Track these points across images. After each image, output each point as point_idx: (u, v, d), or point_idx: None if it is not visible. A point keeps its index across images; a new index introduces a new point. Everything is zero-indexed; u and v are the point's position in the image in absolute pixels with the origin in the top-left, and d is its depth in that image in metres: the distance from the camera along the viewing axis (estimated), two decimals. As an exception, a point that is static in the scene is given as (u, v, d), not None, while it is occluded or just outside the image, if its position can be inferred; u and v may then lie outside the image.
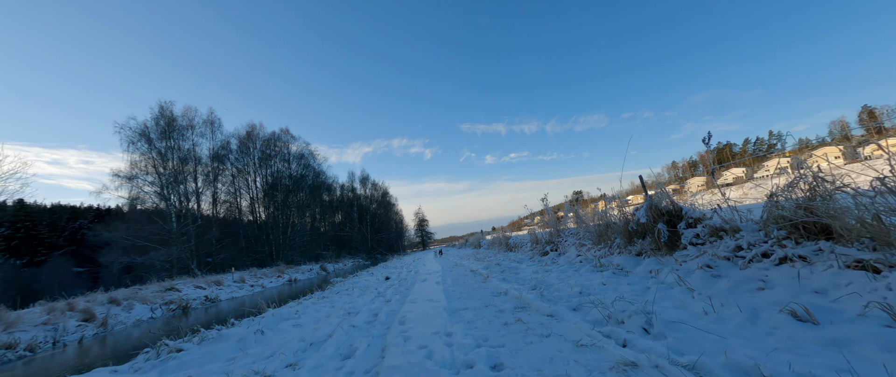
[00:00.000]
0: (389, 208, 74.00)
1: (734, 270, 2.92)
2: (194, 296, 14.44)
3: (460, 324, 3.53)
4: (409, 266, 17.08)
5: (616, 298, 3.16)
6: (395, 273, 13.02)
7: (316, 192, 53.30)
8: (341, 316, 4.96)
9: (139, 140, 27.30)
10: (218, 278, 18.49)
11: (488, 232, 29.30)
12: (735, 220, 3.35)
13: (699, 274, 3.07)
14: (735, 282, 2.69)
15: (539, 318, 3.22)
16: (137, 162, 27.38)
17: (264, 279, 21.78)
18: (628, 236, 5.29)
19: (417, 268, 13.82)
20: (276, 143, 42.59)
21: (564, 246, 7.77)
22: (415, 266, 16.17)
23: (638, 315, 2.55)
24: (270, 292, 18.15)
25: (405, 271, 13.44)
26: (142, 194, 27.44)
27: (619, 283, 3.80)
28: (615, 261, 4.78)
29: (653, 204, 4.53)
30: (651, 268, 3.93)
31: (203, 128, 33.78)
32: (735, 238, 3.17)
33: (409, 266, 17.08)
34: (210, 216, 33.50)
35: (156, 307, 12.21)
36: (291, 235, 40.47)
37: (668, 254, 4.03)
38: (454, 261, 15.86)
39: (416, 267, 15.25)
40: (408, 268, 15.40)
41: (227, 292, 16.19)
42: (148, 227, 26.04)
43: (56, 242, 65.55)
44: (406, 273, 12.33)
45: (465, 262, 12.61)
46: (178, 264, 27.46)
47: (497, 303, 4.29)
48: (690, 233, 3.82)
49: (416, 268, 14.48)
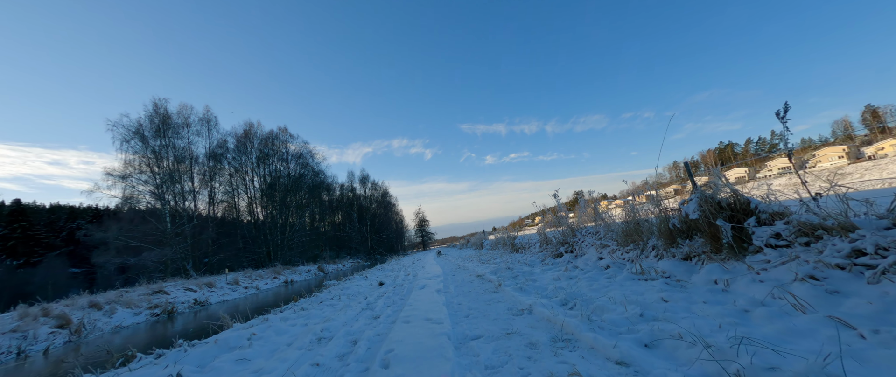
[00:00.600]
0: (389, 208, 73.25)
1: (858, 285, 2.11)
2: (183, 299, 13.66)
3: (476, 373, 2.37)
4: (407, 268, 16.20)
5: (713, 329, 2.17)
6: (391, 277, 12.11)
7: (315, 192, 52.54)
8: (308, 343, 3.84)
9: (133, 138, 26.56)
10: (210, 280, 17.71)
11: (489, 232, 28.48)
12: (843, 214, 2.53)
13: (805, 289, 2.26)
14: (889, 304, 1.86)
15: (606, 370, 2.07)
16: (131, 161, 26.66)
17: (260, 281, 21.00)
18: (669, 236, 4.47)
19: (416, 272, 12.80)
20: (274, 141, 41.85)
21: (581, 246, 6.94)
22: (414, 268, 15.20)
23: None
24: (265, 294, 17.37)
25: (403, 274, 12.45)
26: (136, 193, 26.72)
27: (686, 300, 2.88)
28: (659, 267, 3.97)
29: (706, 196, 3.71)
30: (715, 277, 3.11)
31: (199, 126, 33.07)
32: (848, 239, 2.36)
33: (407, 268, 16.20)
34: (206, 216, 32.76)
35: (141, 311, 11.42)
36: (290, 236, 39.71)
37: (734, 260, 3.22)
38: (456, 263, 14.92)
39: (415, 269, 14.21)
40: (406, 270, 14.38)
41: (219, 295, 15.40)
42: (141, 227, 25.30)
43: (53, 243, 64.90)
44: (403, 277, 11.24)
45: (469, 265, 11.64)
46: (172, 265, 26.71)
47: (522, 327, 3.18)
48: (766, 233, 3.01)
49: (415, 271, 13.45)
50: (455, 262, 15.30)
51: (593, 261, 5.72)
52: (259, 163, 40.83)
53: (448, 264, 15.35)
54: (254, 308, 10.41)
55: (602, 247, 6.06)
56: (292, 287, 21.70)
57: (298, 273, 27.04)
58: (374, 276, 13.35)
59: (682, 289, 3.18)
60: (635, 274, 4.20)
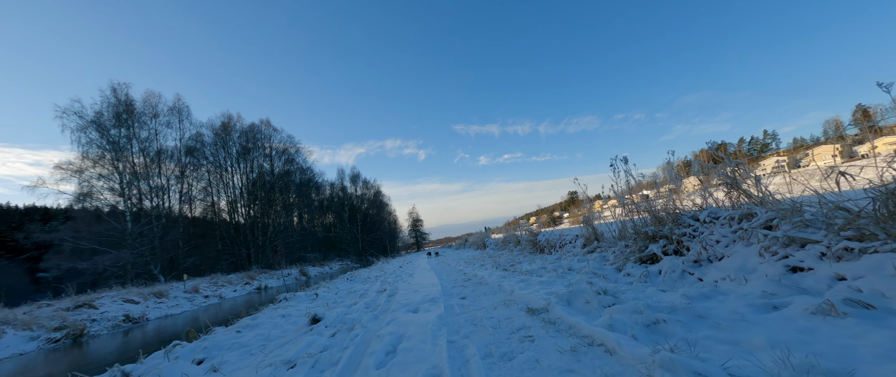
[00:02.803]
0: (382, 208, 70.54)
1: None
2: (114, 314, 10.99)
3: None
4: (392, 274, 12.79)
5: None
6: (357, 291, 8.44)
7: (303, 190, 49.70)
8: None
9: (88, 127, 23.63)
10: (162, 289, 15.01)
11: (485, 232, 26.01)
12: None
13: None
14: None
15: None
16: (89, 154, 23.72)
17: (227, 288, 18.32)
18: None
19: (396, 286, 8.34)
20: (255, 135, 38.96)
21: (708, 244, 3.74)
22: (395, 279, 10.52)
23: None
24: (230, 304, 14.78)
25: (376, 289, 8.32)
26: (93, 190, 23.75)
27: None
28: None
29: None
30: None
31: (169, 116, 30.19)
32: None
33: (392, 274, 12.79)
34: (177, 215, 29.85)
35: (40, 335, 8.76)
36: (272, 236, 36.89)
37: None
38: (458, 267, 11.27)
39: (395, 282, 9.35)
40: (383, 283, 9.55)
41: (165, 308, 12.73)
42: (96, 228, 22.41)
43: (24, 245, 61.07)
44: (375, 294, 7.46)
45: (480, 272, 7.96)
46: (133, 270, 23.82)
47: None
48: None
49: (397, 284, 8.79)
50: (456, 266, 11.77)
51: (759, 279, 2.83)
52: (240, 158, 37.95)
53: (446, 270, 11.21)
54: (194, 325, 7.86)
55: (768, 249, 3.02)
56: (267, 293, 19.10)
57: (276, 277, 24.38)
58: (341, 288, 10.02)
59: None
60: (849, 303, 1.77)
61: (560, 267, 6.00)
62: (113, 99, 25.03)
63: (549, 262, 6.71)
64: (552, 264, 6.38)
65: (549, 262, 6.71)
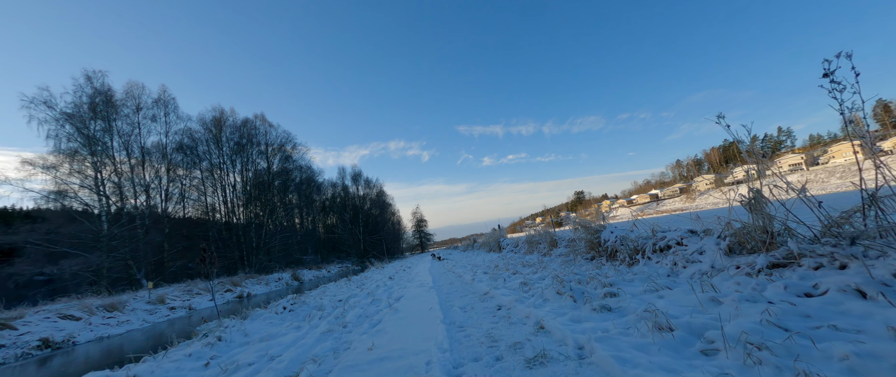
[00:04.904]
0: (385, 208, 68.20)
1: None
2: (35, 336, 8.68)
3: None
4: (379, 287, 9.33)
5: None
6: (328, 311, 6.14)
7: (303, 190, 47.58)
8: None
9: (61, 119, 21.55)
10: (120, 300, 12.75)
11: (504, 231, 23.39)
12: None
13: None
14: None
15: None
16: (60, 148, 21.63)
17: (203, 296, 16.02)
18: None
19: (369, 316, 5.45)
20: (250, 131, 36.83)
21: None
22: (387, 290, 8.18)
23: None
24: (201, 314, 12.48)
25: (333, 319, 5.46)
26: (65, 188, 21.64)
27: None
28: None
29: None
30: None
31: (154, 109, 28.13)
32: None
33: (379, 287, 9.33)
34: (162, 215, 27.72)
35: None
36: (266, 238, 34.68)
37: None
38: (476, 283, 6.77)
39: (375, 305, 6.34)
40: (348, 316, 5.86)
41: (110, 326, 10.43)
42: (68, 229, 20.30)
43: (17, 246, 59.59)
44: (339, 329, 4.74)
45: (537, 315, 3.39)
46: (111, 274, 21.69)
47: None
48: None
49: (373, 308, 6.07)
50: (474, 285, 6.80)
51: None
52: (234, 155, 35.83)
53: (455, 286, 7.25)
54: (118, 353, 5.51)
55: None
56: (251, 301, 16.85)
57: (265, 283, 22.11)
58: (312, 303, 7.24)
59: None
60: None
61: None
62: (88, 88, 22.97)
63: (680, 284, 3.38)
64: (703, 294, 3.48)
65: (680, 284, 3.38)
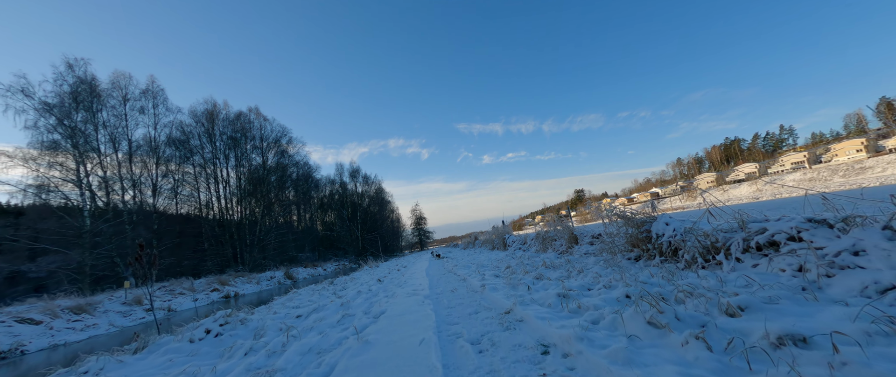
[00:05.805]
0: (384, 206, 67.14)
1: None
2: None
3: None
4: (360, 295, 7.79)
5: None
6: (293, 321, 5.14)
7: (299, 186, 46.51)
8: None
9: (40, 108, 20.39)
10: (91, 301, 11.66)
11: (509, 227, 22.29)
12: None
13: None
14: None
15: None
16: (44, 141, 20.49)
17: (185, 297, 14.94)
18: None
19: (321, 352, 3.61)
20: (244, 125, 35.64)
21: None
22: (368, 300, 6.90)
23: None
24: (181, 316, 11.42)
25: (264, 357, 3.72)
26: (44, 182, 20.50)
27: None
28: None
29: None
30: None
31: (143, 100, 26.97)
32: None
33: (360, 295, 7.79)
34: (150, 210, 26.59)
35: None
36: (261, 235, 33.56)
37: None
38: (484, 299, 5.18)
39: (339, 328, 4.62)
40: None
41: (74, 331, 9.33)
42: (46, 225, 19.19)
43: (9, 245, 58.49)
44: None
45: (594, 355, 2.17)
46: (94, 272, 20.58)
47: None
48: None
49: (334, 334, 4.27)
50: (473, 282, 6.37)
51: None
52: (227, 150, 34.67)
53: (456, 301, 5.54)
54: None
55: None
56: (239, 301, 15.80)
57: (256, 282, 21.03)
58: (278, 313, 6.24)
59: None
60: None
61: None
62: (70, 76, 21.79)
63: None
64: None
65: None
